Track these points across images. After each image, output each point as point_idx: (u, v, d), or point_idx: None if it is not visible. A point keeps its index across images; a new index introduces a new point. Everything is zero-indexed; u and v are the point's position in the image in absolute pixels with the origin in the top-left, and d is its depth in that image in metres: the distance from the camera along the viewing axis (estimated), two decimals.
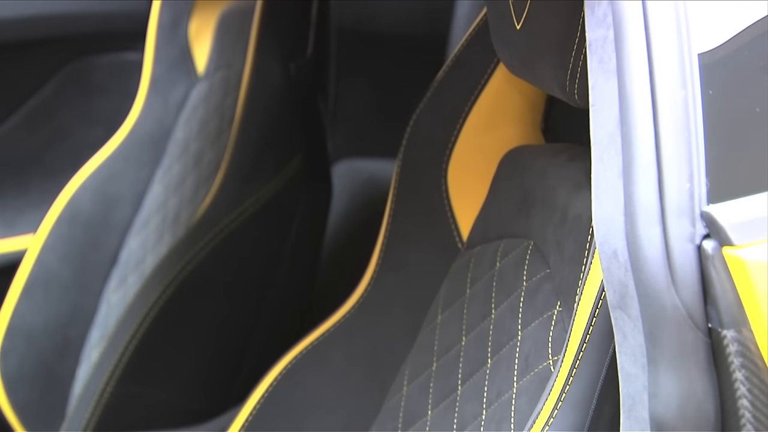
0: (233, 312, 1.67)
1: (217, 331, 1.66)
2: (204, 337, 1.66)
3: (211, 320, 1.66)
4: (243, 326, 1.66)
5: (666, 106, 0.79)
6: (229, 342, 1.67)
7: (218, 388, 1.67)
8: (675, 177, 0.79)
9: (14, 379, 1.80)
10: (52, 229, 1.86)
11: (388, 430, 1.27)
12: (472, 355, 1.18)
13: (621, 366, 0.85)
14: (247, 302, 1.67)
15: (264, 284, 1.66)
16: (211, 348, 1.67)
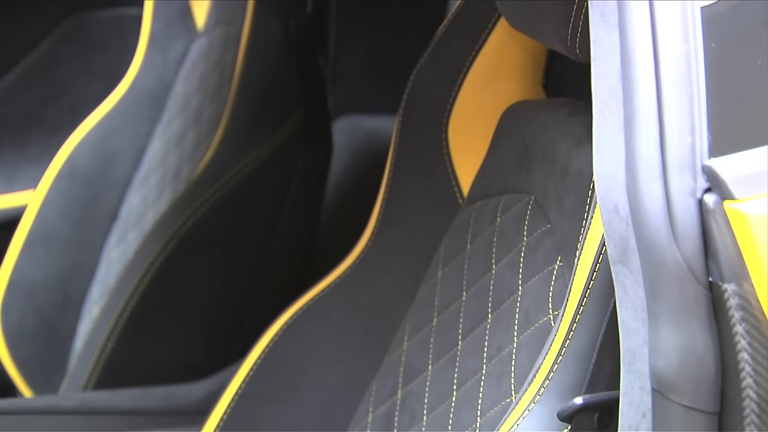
0: (233, 268, 1.67)
1: (218, 286, 1.66)
2: (204, 292, 1.66)
3: (212, 276, 1.66)
4: (243, 282, 1.66)
5: (668, 59, 0.79)
6: (230, 298, 1.67)
7: (219, 344, 1.67)
8: (676, 131, 0.79)
9: (15, 334, 1.80)
10: (52, 185, 1.86)
11: (388, 385, 1.27)
12: (473, 311, 1.18)
13: (621, 320, 0.85)
14: (248, 258, 1.67)
15: (264, 240, 1.66)
16: (212, 304, 1.67)
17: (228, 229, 1.64)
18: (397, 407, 1.24)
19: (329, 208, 1.78)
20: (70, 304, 1.82)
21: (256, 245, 1.66)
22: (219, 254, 1.66)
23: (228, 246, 1.66)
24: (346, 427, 1.30)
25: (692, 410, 0.79)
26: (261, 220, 1.66)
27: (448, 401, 1.16)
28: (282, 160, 1.66)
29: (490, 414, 1.08)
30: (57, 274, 1.83)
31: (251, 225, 1.66)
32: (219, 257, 1.66)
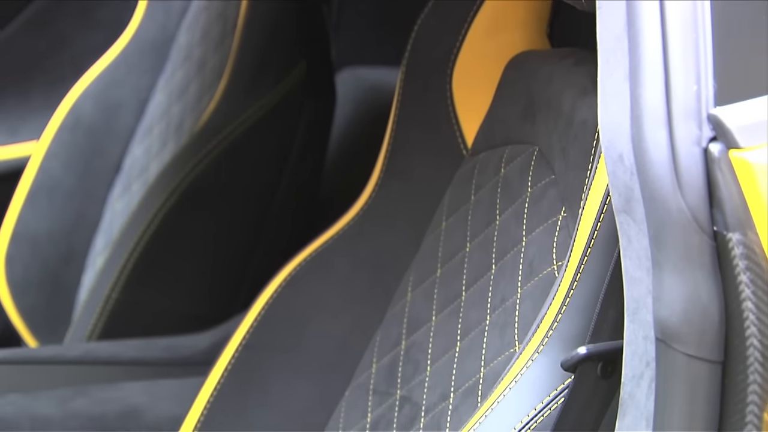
0: (237, 219, 1.67)
1: (221, 238, 1.67)
2: (208, 244, 1.66)
3: (215, 227, 1.66)
4: (247, 234, 1.67)
5: (674, 7, 0.79)
6: (233, 249, 1.67)
7: (223, 295, 1.68)
8: (682, 79, 0.78)
9: (20, 285, 1.81)
10: (54, 136, 1.86)
11: (392, 335, 1.28)
12: (477, 261, 1.18)
13: (625, 270, 0.85)
14: (251, 210, 1.67)
15: (268, 192, 1.66)
16: (216, 255, 1.67)
17: (232, 180, 1.64)
18: (401, 358, 1.24)
19: (333, 160, 1.78)
20: (74, 255, 1.82)
21: (259, 196, 1.66)
22: (223, 205, 1.65)
23: (232, 197, 1.66)
24: (350, 377, 1.31)
25: (696, 359, 0.79)
26: (264, 171, 1.65)
27: (451, 352, 1.16)
28: (285, 111, 1.65)
29: (493, 364, 1.08)
30: (61, 225, 1.83)
31: (255, 176, 1.66)
32: (223, 208, 1.66)
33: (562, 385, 0.94)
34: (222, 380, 1.33)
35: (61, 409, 1.35)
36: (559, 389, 0.94)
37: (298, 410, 1.32)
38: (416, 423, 1.17)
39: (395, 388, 1.23)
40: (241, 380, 1.33)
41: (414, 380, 1.21)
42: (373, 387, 1.27)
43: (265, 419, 1.32)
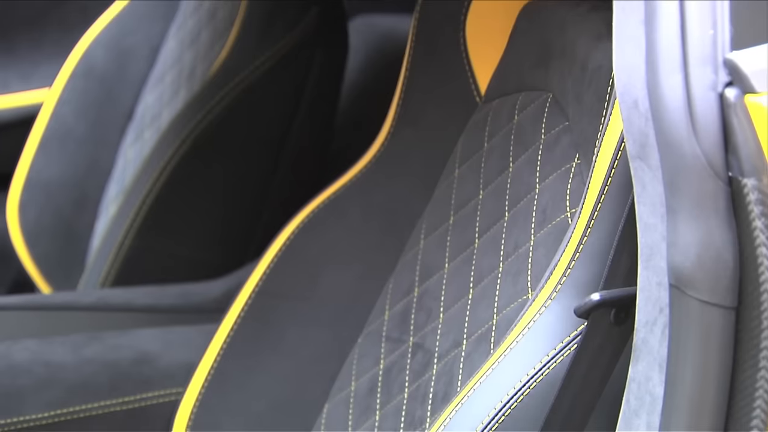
0: (250, 167, 1.67)
1: (234, 185, 1.67)
2: (220, 191, 1.66)
3: (228, 175, 1.66)
4: (260, 181, 1.67)
5: None
6: (246, 196, 1.67)
7: (235, 242, 1.68)
8: (698, 23, 0.78)
9: (34, 231, 1.81)
10: (67, 84, 1.85)
11: (404, 283, 1.28)
12: (490, 209, 1.18)
13: (639, 216, 0.85)
14: (264, 157, 1.66)
15: (280, 140, 1.66)
16: (228, 202, 1.67)
17: (244, 127, 1.64)
18: (414, 305, 1.25)
19: (345, 108, 1.77)
20: (86, 202, 1.83)
21: (272, 145, 1.66)
22: (235, 153, 1.65)
23: (244, 145, 1.66)
24: (363, 325, 1.31)
25: (710, 305, 0.79)
26: (277, 119, 1.65)
27: (464, 299, 1.16)
28: (297, 59, 1.65)
29: (506, 311, 1.09)
30: (73, 172, 1.84)
31: (267, 124, 1.66)
32: (235, 156, 1.66)
33: (575, 332, 0.94)
34: (235, 327, 1.34)
35: (75, 355, 1.36)
36: (572, 336, 0.94)
37: (311, 357, 1.33)
38: (429, 370, 1.17)
39: (408, 335, 1.24)
40: (254, 327, 1.34)
41: (427, 327, 1.21)
42: (386, 334, 1.27)
43: (278, 366, 1.33)
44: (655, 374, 0.84)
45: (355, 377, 1.29)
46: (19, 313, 1.49)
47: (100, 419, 1.33)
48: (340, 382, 1.31)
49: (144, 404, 1.35)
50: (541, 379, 0.94)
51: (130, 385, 1.35)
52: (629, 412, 0.87)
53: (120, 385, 1.34)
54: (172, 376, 1.36)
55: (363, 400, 1.26)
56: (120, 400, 1.34)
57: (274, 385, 1.33)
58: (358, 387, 1.28)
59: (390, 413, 1.21)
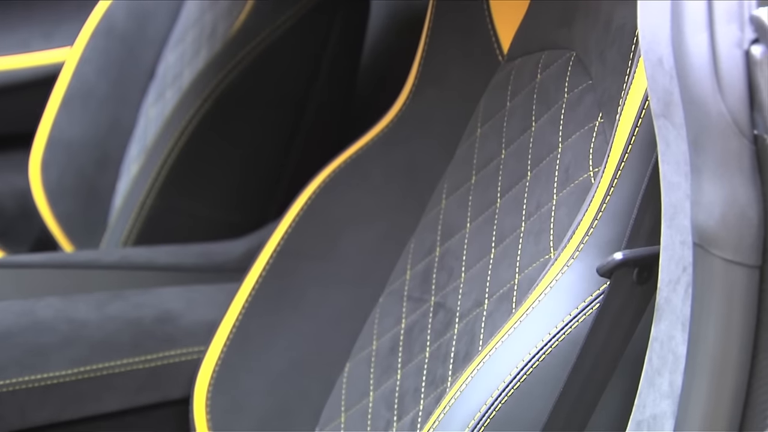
0: (271, 126, 1.67)
1: (256, 145, 1.66)
2: (242, 151, 1.66)
3: (249, 134, 1.66)
4: (281, 140, 1.66)
5: None
6: (268, 156, 1.67)
7: (257, 202, 1.68)
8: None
9: (56, 190, 1.82)
10: (88, 42, 1.85)
11: (426, 242, 1.28)
12: (512, 168, 1.18)
13: (663, 175, 0.85)
14: (285, 117, 1.66)
15: (302, 99, 1.65)
16: (250, 162, 1.67)
17: (265, 87, 1.63)
18: (435, 264, 1.25)
19: (367, 67, 1.77)
20: (108, 161, 1.83)
21: (293, 104, 1.66)
22: (256, 112, 1.65)
23: (265, 105, 1.65)
24: (384, 284, 1.31)
25: (733, 264, 0.78)
26: (298, 78, 1.65)
27: (486, 259, 1.16)
28: (318, 19, 1.64)
29: (528, 271, 1.09)
30: (95, 131, 1.84)
31: (288, 83, 1.65)
32: (256, 115, 1.65)
33: (598, 291, 0.94)
34: (257, 286, 1.34)
35: (98, 313, 1.36)
36: (595, 295, 0.94)
37: (332, 316, 1.33)
38: (450, 329, 1.17)
39: (429, 295, 1.24)
40: (276, 286, 1.34)
41: (448, 287, 1.21)
42: (407, 293, 1.27)
43: (300, 325, 1.33)
44: (677, 333, 0.84)
45: (377, 336, 1.29)
46: (43, 271, 1.49)
47: (122, 377, 1.33)
48: (361, 341, 1.31)
49: (166, 362, 1.35)
50: (563, 338, 0.94)
51: (152, 343, 1.35)
52: (652, 371, 0.87)
53: (143, 342, 1.35)
54: (194, 334, 1.37)
55: (384, 359, 1.27)
56: (142, 357, 1.34)
57: (296, 343, 1.33)
58: (379, 346, 1.28)
59: (411, 372, 1.21)
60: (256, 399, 1.32)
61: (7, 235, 1.93)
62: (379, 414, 1.24)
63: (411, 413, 1.19)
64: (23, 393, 1.30)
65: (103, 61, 1.85)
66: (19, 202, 1.95)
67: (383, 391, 1.25)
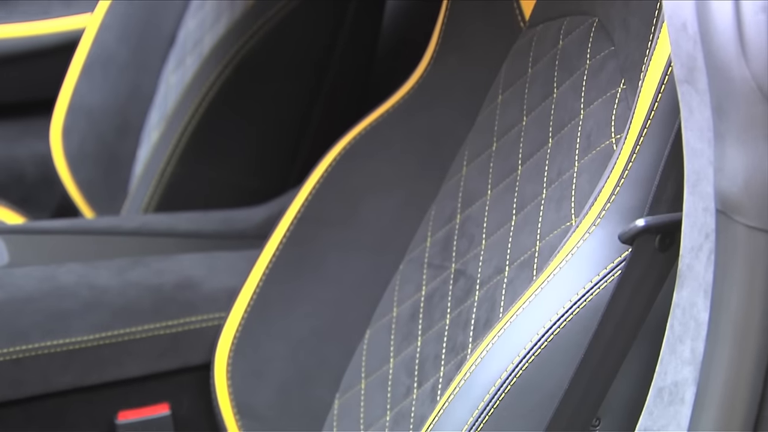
0: (291, 93, 1.66)
1: (276, 111, 1.66)
2: (262, 117, 1.66)
3: (269, 100, 1.66)
4: (301, 107, 1.66)
5: None
6: (288, 122, 1.67)
7: (277, 169, 1.68)
8: None
9: (77, 157, 1.82)
10: (109, 9, 1.85)
11: (446, 209, 1.28)
12: (533, 135, 1.17)
13: (686, 141, 0.84)
14: (305, 84, 1.66)
15: (322, 66, 1.65)
16: (270, 128, 1.67)
17: (285, 53, 1.63)
18: (456, 232, 1.24)
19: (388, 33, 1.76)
20: (129, 128, 1.83)
21: (313, 71, 1.65)
22: (276, 79, 1.65)
23: (285, 71, 1.65)
24: (405, 252, 1.31)
25: (756, 230, 0.78)
26: (318, 45, 1.64)
27: (507, 225, 1.16)
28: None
29: (549, 237, 1.08)
30: (115, 98, 1.84)
31: (309, 50, 1.65)
32: (276, 82, 1.65)
33: (619, 258, 0.93)
34: (277, 253, 1.34)
35: (120, 279, 1.37)
36: (616, 262, 0.94)
37: (353, 283, 1.33)
38: (471, 296, 1.17)
39: (450, 262, 1.24)
40: (296, 253, 1.34)
41: (469, 254, 1.21)
42: (428, 261, 1.27)
43: (320, 291, 1.34)
44: (700, 300, 0.84)
45: (397, 303, 1.29)
46: (64, 237, 1.50)
47: (144, 342, 1.34)
48: (381, 308, 1.31)
49: (187, 328, 1.36)
50: (584, 305, 0.94)
51: (173, 309, 1.36)
52: (673, 338, 0.87)
53: (164, 309, 1.35)
54: (214, 300, 1.37)
55: (405, 326, 1.27)
56: (164, 323, 1.35)
57: (316, 310, 1.33)
58: (399, 313, 1.28)
59: (432, 339, 1.21)
60: (277, 365, 1.33)
61: (28, 202, 1.94)
62: (400, 380, 1.24)
63: (431, 380, 1.19)
64: (45, 358, 1.30)
65: (123, 27, 1.85)
66: (41, 169, 1.96)
67: (403, 357, 1.25)
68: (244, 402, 1.32)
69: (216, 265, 1.42)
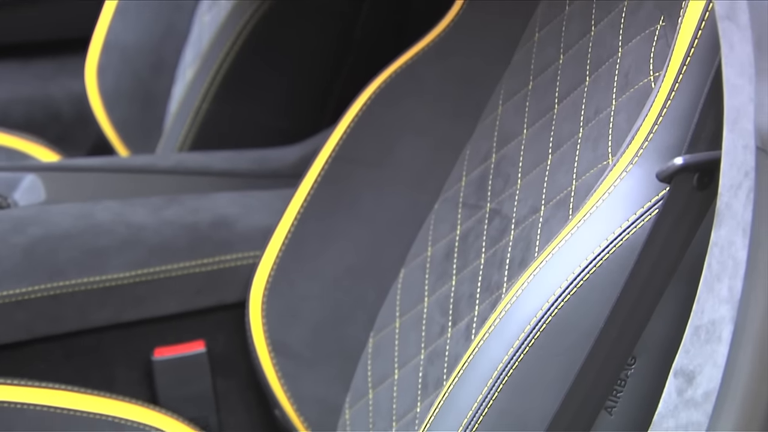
0: (325, 33, 1.66)
1: (309, 51, 1.66)
2: (297, 57, 1.66)
3: (303, 41, 1.65)
4: (335, 47, 1.65)
5: None
6: (323, 62, 1.66)
7: (312, 108, 1.68)
8: None
9: (112, 95, 1.82)
10: None
11: (482, 149, 1.27)
12: (570, 74, 1.16)
13: (726, 78, 0.83)
14: (339, 24, 1.65)
15: (355, 6, 1.64)
16: (304, 69, 1.67)
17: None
18: (491, 171, 1.24)
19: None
20: (163, 67, 1.83)
21: (347, 11, 1.65)
22: (311, 17, 1.64)
23: (319, 10, 1.64)
24: (440, 190, 1.31)
25: None
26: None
27: (542, 165, 1.16)
28: None
29: (585, 177, 1.08)
30: (150, 36, 1.83)
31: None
32: (311, 20, 1.64)
33: (657, 197, 0.93)
34: (312, 191, 1.34)
35: (155, 216, 1.37)
36: (654, 201, 0.93)
37: (387, 222, 1.33)
38: (506, 235, 1.17)
39: (485, 201, 1.24)
40: (331, 192, 1.34)
41: (504, 193, 1.21)
42: (463, 200, 1.27)
43: (354, 231, 1.34)
44: (738, 239, 0.83)
45: (432, 243, 1.29)
46: (100, 175, 1.50)
47: (180, 280, 1.34)
48: (416, 247, 1.31)
49: (222, 266, 1.36)
50: (620, 244, 0.93)
51: (209, 247, 1.36)
52: (711, 276, 0.86)
53: (199, 247, 1.36)
54: (249, 239, 1.37)
55: (439, 266, 1.27)
56: (199, 261, 1.35)
57: (350, 249, 1.34)
58: (434, 252, 1.28)
59: (466, 278, 1.22)
60: (311, 304, 1.33)
61: (64, 140, 1.94)
62: (434, 320, 1.24)
63: (466, 319, 1.19)
64: (82, 294, 1.31)
65: None
66: (76, 107, 1.96)
67: (438, 297, 1.25)
68: (278, 340, 1.33)
69: (251, 203, 1.42)
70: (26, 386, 1.27)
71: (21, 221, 1.34)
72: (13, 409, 1.26)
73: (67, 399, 1.28)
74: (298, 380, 1.33)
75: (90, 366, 1.34)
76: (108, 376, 1.34)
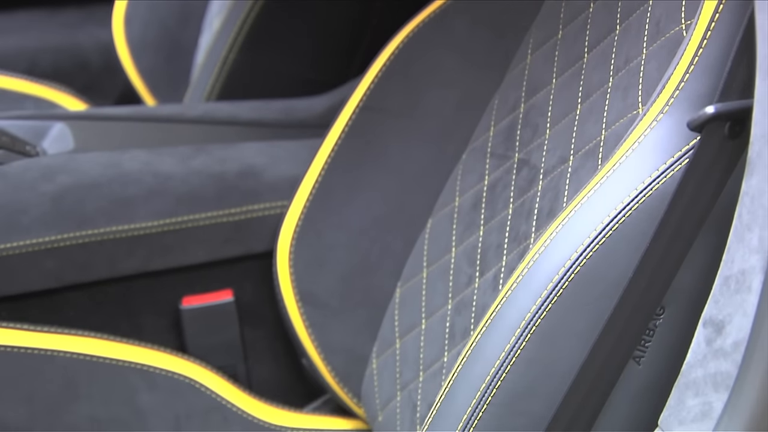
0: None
1: (335, 4, 1.65)
2: (324, 6, 1.65)
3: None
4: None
5: None
6: (350, 12, 1.65)
7: (339, 59, 1.67)
8: None
9: (139, 45, 1.82)
10: None
11: (510, 99, 1.26)
12: (600, 22, 1.15)
13: (759, 26, 0.82)
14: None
15: None
16: (331, 18, 1.66)
17: None
18: (520, 121, 1.23)
19: None
20: (190, 16, 1.83)
21: None
22: None
23: None
24: (467, 142, 1.31)
25: None
26: None
27: (571, 114, 1.15)
28: None
29: (615, 126, 1.07)
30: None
31: None
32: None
33: (687, 146, 0.92)
34: (339, 141, 1.34)
35: (183, 166, 1.37)
36: (684, 150, 0.92)
37: (415, 173, 1.33)
38: (534, 185, 1.17)
39: (513, 151, 1.23)
40: (359, 142, 1.34)
41: (532, 143, 1.20)
42: (491, 150, 1.27)
43: (382, 181, 1.33)
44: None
45: (459, 193, 1.29)
46: (128, 124, 1.50)
47: (207, 229, 1.35)
48: (443, 197, 1.31)
49: (250, 216, 1.36)
50: (650, 194, 0.93)
51: (236, 196, 1.36)
52: (741, 226, 0.86)
53: (227, 196, 1.36)
54: (277, 189, 1.37)
55: (467, 216, 1.27)
56: (227, 211, 1.36)
57: (378, 199, 1.33)
58: (462, 202, 1.28)
59: (494, 228, 1.21)
60: (339, 253, 1.33)
61: (92, 89, 1.94)
62: (461, 270, 1.24)
63: (493, 269, 1.19)
64: (111, 243, 1.32)
65: None
66: (104, 57, 1.96)
67: (465, 247, 1.25)
68: (306, 290, 1.33)
69: (278, 153, 1.42)
70: (55, 333, 1.28)
71: (50, 170, 1.34)
72: (43, 355, 1.27)
73: (96, 346, 1.29)
74: (326, 329, 1.33)
75: (118, 314, 1.34)
76: (136, 324, 1.35)
